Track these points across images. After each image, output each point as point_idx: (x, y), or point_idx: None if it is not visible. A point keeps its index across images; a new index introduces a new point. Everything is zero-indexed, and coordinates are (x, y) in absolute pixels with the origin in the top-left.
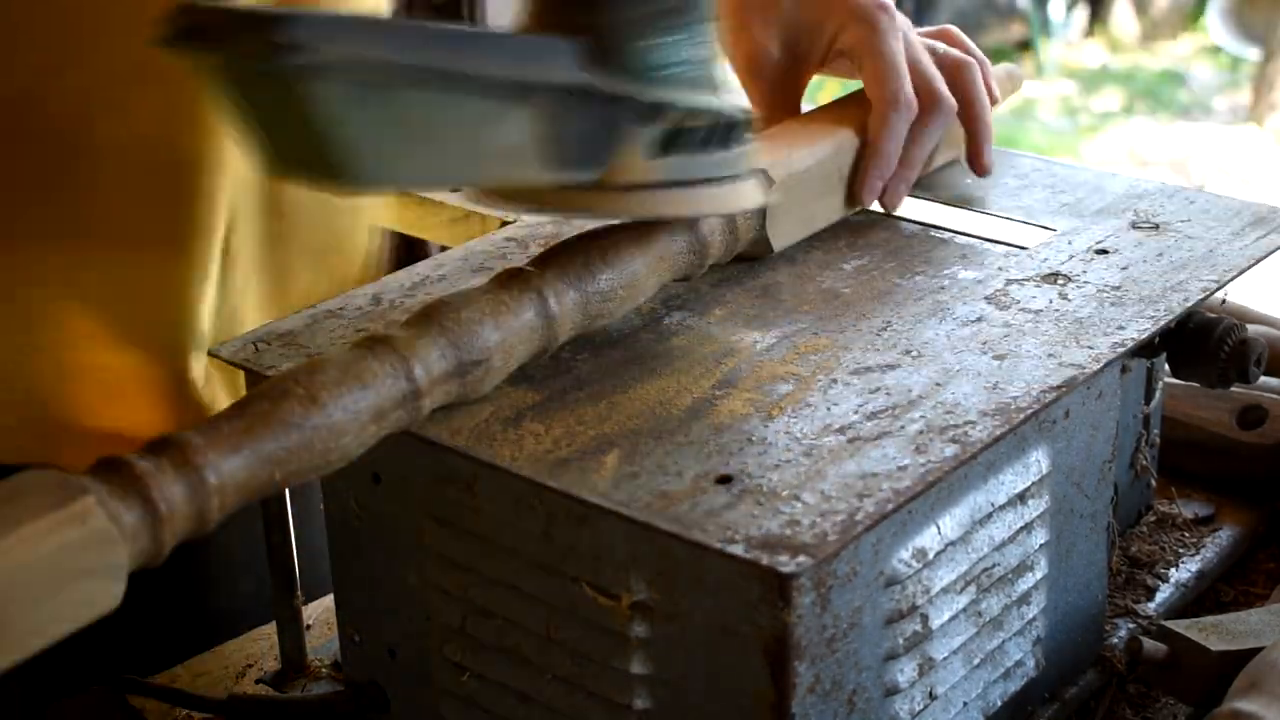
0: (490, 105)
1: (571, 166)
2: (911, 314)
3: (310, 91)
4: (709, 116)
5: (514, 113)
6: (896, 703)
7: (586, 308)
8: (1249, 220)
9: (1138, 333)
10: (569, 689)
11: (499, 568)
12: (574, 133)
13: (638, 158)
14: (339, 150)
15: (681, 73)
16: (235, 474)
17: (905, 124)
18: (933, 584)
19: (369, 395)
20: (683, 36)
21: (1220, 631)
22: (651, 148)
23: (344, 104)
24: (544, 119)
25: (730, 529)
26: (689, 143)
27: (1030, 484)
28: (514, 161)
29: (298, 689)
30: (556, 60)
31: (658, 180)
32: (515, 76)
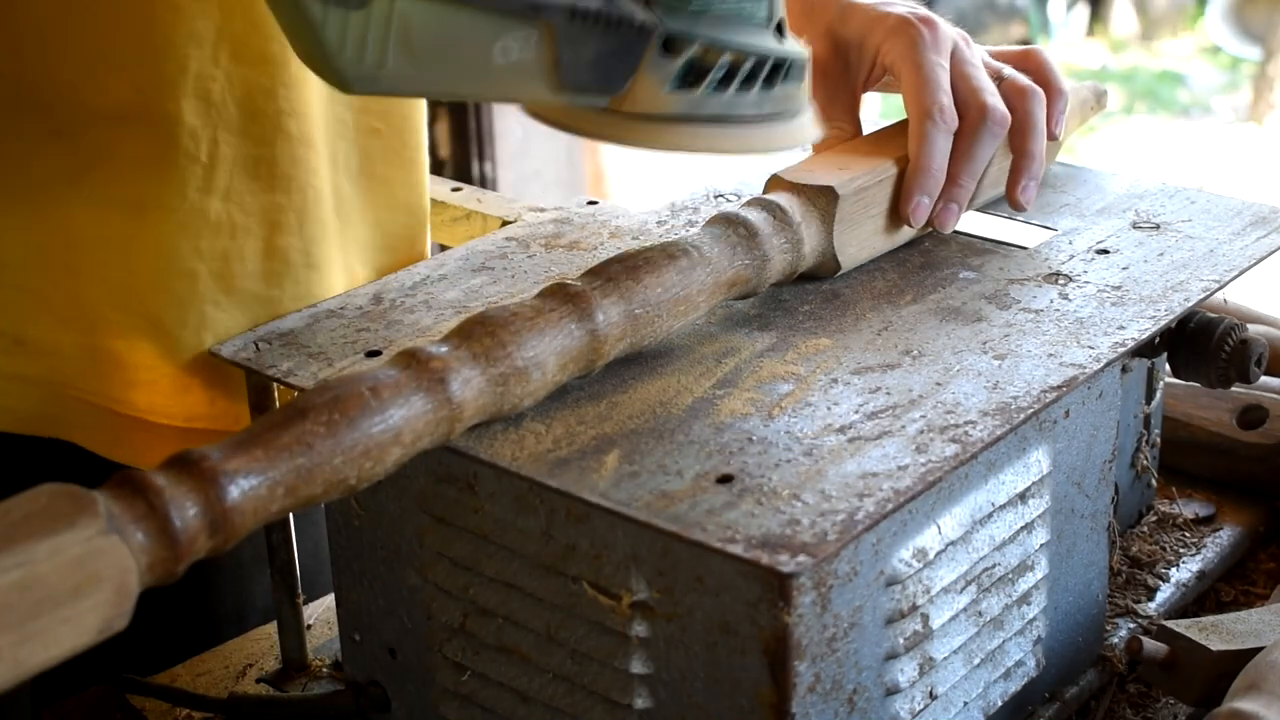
0: (496, 20)
1: (581, 90)
2: (911, 314)
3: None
4: (745, 53)
5: (519, 30)
6: (896, 702)
7: (634, 324)
8: (1249, 220)
9: (1138, 333)
10: (569, 688)
11: (499, 567)
12: (587, 56)
13: (655, 89)
14: (327, 50)
15: (719, 7)
16: (256, 493)
17: (944, 136)
18: (933, 584)
19: (400, 413)
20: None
21: (1220, 631)
22: (673, 80)
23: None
24: (554, 38)
25: (730, 529)
26: (719, 79)
27: (1030, 484)
28: (519, 79)
29: (298, 688)
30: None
31: (674, 113)
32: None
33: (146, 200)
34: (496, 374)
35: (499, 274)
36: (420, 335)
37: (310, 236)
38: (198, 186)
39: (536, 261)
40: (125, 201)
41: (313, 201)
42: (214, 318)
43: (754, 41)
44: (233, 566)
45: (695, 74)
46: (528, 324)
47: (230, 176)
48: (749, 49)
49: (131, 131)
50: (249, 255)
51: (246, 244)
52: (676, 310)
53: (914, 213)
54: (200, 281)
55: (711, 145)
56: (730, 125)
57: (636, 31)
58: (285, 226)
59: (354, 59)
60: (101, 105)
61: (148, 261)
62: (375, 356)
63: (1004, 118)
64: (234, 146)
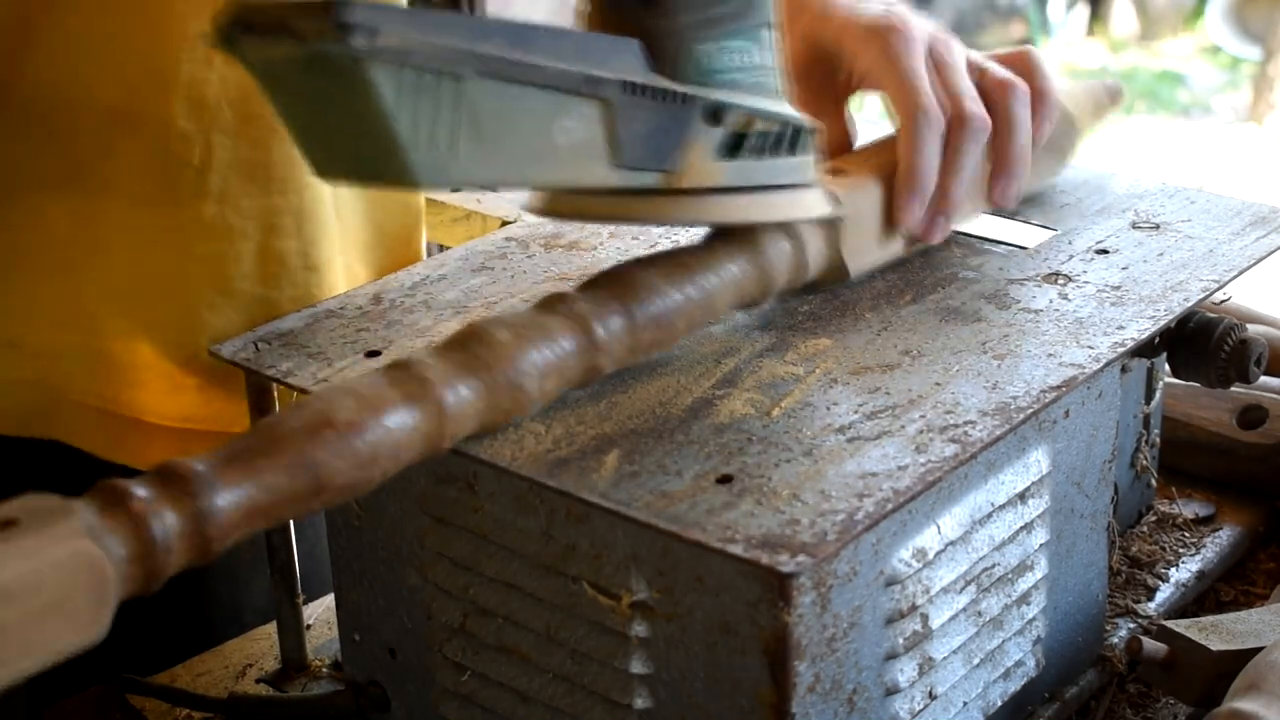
0: (557, 98)
1: (638, 167)
2: (911, 314)
3: (371, 77)
4: (775, 121)
5: (581, 107)
6: (896, 702)
7: (635, 336)
8: (1249, 220)
9: (1138, 333)
10: (569, 688)
11: (499, 567)
12: (641, 131)
13: (705, 160)
14: (398, 143)
15: (742, 78)
16: (240, 505)
17: (935, 135)
18: (933, 584)
19: (390, 427)
20: (744, 41)
21: (1220, 631)
22: (719, 150)
23: (405, 92)
24: (611, 115)
25: (730, 528)
26: (756, 146)
27: (1030, 484)
28: (581, 160)
29: (298, 688)
30: (621, 58)
31: (725, 184)
32: (581, 73)
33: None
34: (491, 387)
35: (499, 274)
36: (420, 335)
37: (309, 238)
38: (191, 190)
39: (536, 262)
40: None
41: (311, 203)
42: (209, 320)
43: (779, 109)
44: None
45: (736, 144)
46: (524, 337)
47: (225, 180)
48: (778, 116)
49: (124, 135)
50: (245, 258)
51: (242, 247)
52: (677, 325)
53: (907, 216)
54: (195, 284)
55: (759, 214)
56: (772, 193)
57: (685, 102)
58: (282, 229)
59: (427, 147)
60: (93, 109)
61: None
62: (375, 356)
63: (984, 122)
64: (228, 149)
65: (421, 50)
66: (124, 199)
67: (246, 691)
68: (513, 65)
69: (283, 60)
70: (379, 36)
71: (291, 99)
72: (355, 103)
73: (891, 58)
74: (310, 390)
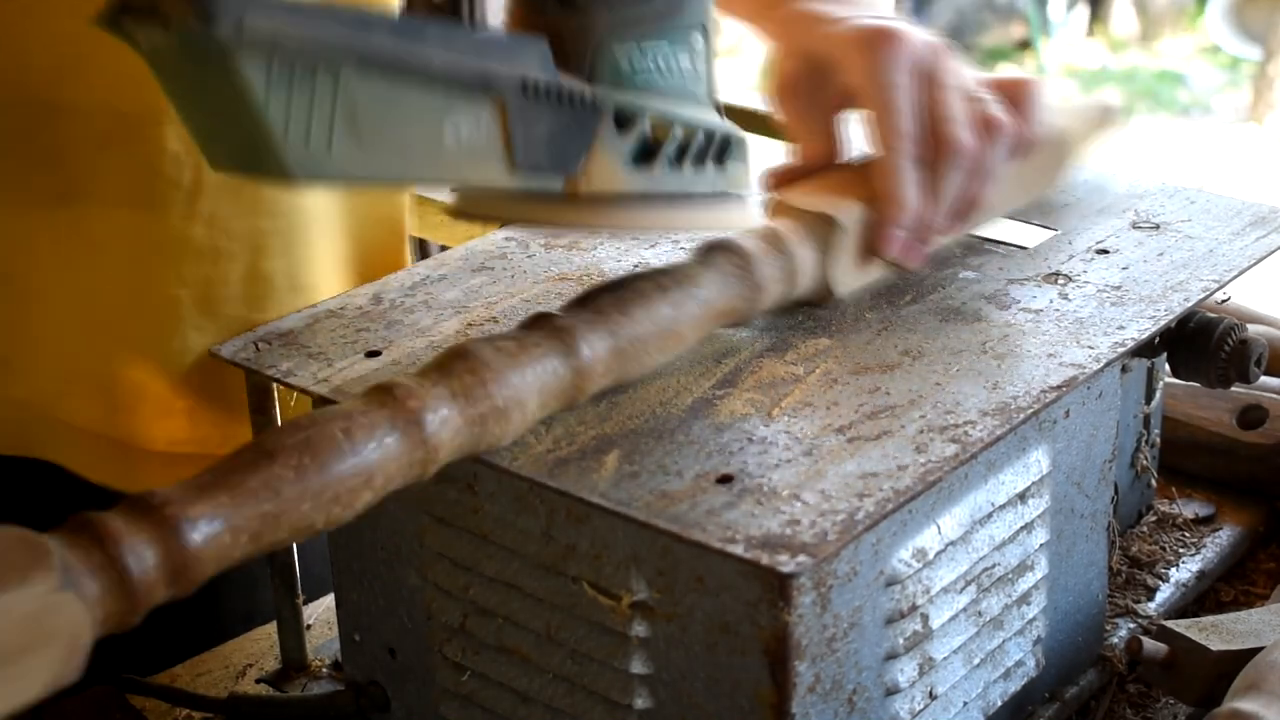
0: (445, 96)
1: (537, 170)
2: (911, 314)
3: (239, 66)
4: (693, 130)
5: (469, 107)
6: (896, 702)
7: (621, 355)
8: (1249, 220)
9: (1138, 333)
10: (569, 689)
11: (499, 568)
12: (541, 134)
13: (612, 166)
14: (271, 136)
15: (664, 83)
16: (218, 539)
17: (910, 165)
18: (933, 584)
19: (373, 455)
20: (668, 45)
21: (1220, 631)
22: (628, 157)
23: (277, 83)
24: (508, 117)
25: (730, 529)
26: (673, 155)
27: (1030, 484)
28: (475, 160)
29: (298, 688)
30: (522, 57)
31: (634, 192)
32: (475, 69)
33: (129, 226)
34: (475, 413)
35: (499, 274)
36: (420, 335)
37: (296, 259)
38: (181, 212)
39: (536, 261)
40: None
41: (298, 223)
42: (196, 342)
43: (701, 117)
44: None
45: (649, 151)
46: (510, 360)
47: (214, 202)
48: (698, 124)
49: (114, 158)
50: (232, 279)
51: (230, 268)
52: (664, 345)
53: (886, 246)
54: (183, 306)
55: (672, 224)
56: (689, 205)
57: (588, 107)
58: (270, 250)
59: (300, 141)
60: (85, 130)
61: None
62: (375, 356)
63: (969, 148)
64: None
65: (293, 40)
66: (114, 221)
67: (246, 691)
68: (395, 59)
69: (163, 46)
70: (245, 24)
71: (176, 86)
72: (227, 92)
73: (877, 75)
74: (310, 391)
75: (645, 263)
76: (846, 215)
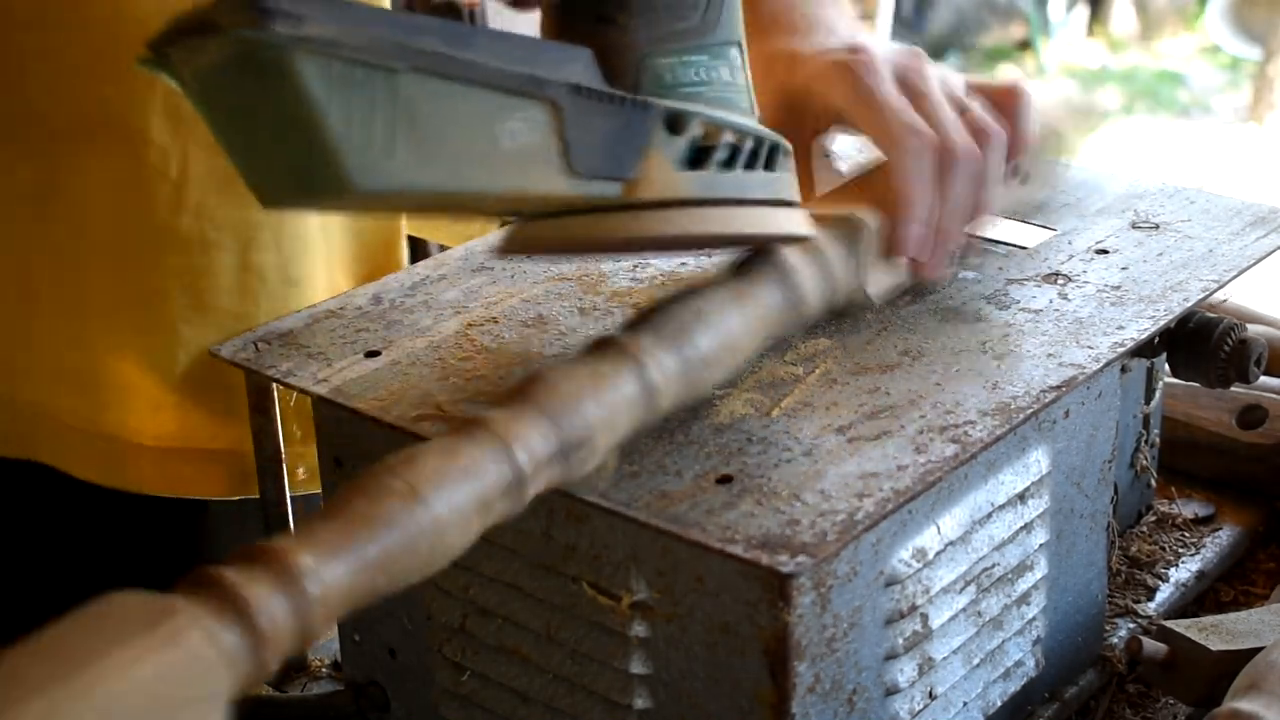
0: (500, 98)
1: (593, 174)
2: (911, 314)
3: (298, 68)
4: (741, 133)
5: (528, 110)
6: (896, 702)
7: (688, 374)
8: (1249, 220)
9: (1138, 333)
10: (569, 689)
11: (499, 568)
12: (595, 137)
13: (668, 170)
14: (332, 143)
15: (706, 92)
16: (339, 582)
17: (926, 159)
18: (933, 584)
19: (473, 486)
20: (703, 57)
21: (1220, 631)
22: (682, 159)
23: (336, 85)
24: (561, 119)
25: (730, 529)
26: (724, 159)
27: (1030, 484)
28: (530, 165)
29: (298, 689)
30: (571, 63)
31: (690, 196)
32: (524, 72)
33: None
34: (564, 442)
35: (498, 274)
36: (420, 335)
37: (288, 253)
38: (169, 203)
39: (536, 261)
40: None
41: (291, 217)
42: (186, 335)
43: (748, 124)
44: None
45: (701, 154)
46: (587, 387)
47: (202, 193)
48: (747, 128)
49: (100, 150)
50: (222, 272)
51: (220, 260)
52: (725, 362)
53: (906, 244)
54: (171, 299)
55: (732, 227)
56: (744, 207)
57: (640, 109)
58: (261, 243)
59: (361, 147)
60: (69, 124)
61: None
62: (375, 356)
63: (973, 153)
64: (205, 162)
65: (352, 40)
66: (101, 213)
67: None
68: (450, 61)
69: (210, 66)
70: (304, 24)
71: (224, 111)
72: (284, 100)
73: (864, 93)
74: (310, 391)
75: (645, 263)
76: (868, 216)
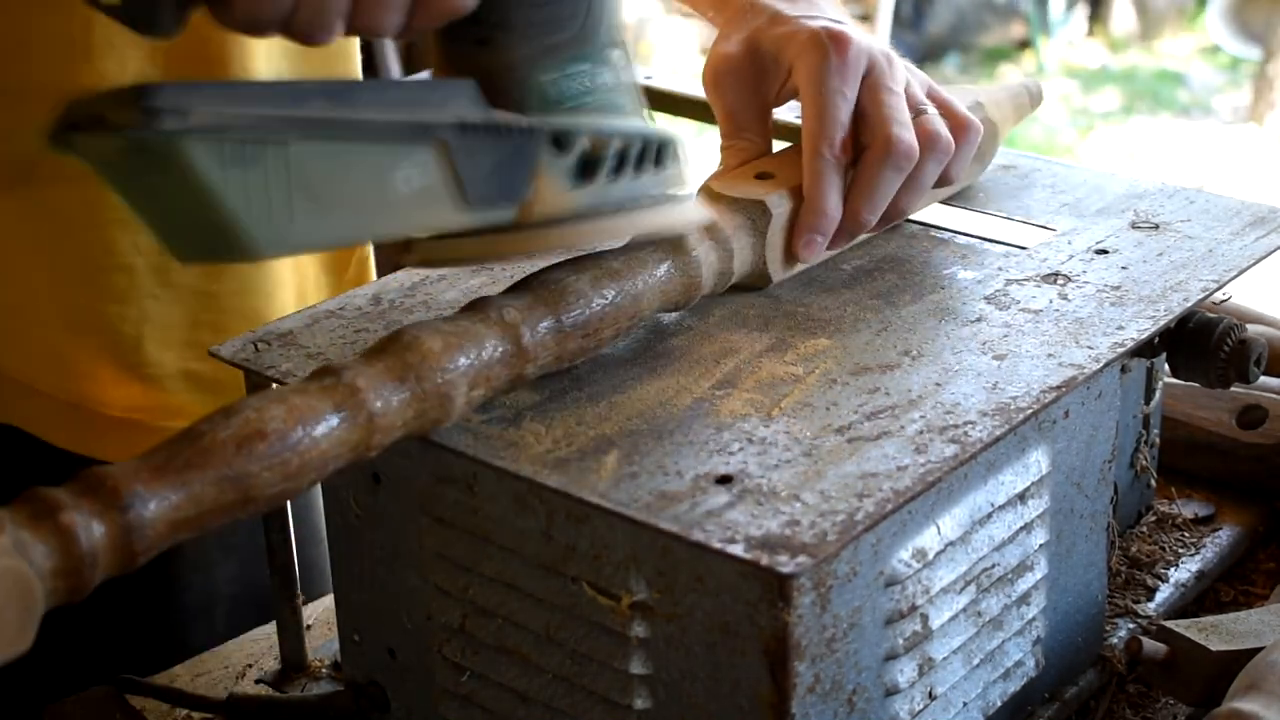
0: (388, 149)
1: (487, 204)
2: (911, 314)
3: (189, 158)
4: (629, 139)
5: (415, 154)
6: (896, 703)
7: (561, 339)
8: (1249, 220)
9: (1138, 333)
10: (569, 689)
11: (499, 568)
12: (484, 168)
13: (558, 188)
14: (233, 219)
15: (592, 100)
16: (167, 517)
17: (833, 173)
18: (933, 584)
19: (318, 435)
20: (585, 67)
21: (1220, 631)
22: (571, 175)
23: (229, 166)
24: (450, 157)
25: (730, 529)
26: (610, 167)
27: (1030, 484)
28: (425, 206)
29: (298, 689)
30: (454, 99)
31: (581, 209)
32: (409, 119)
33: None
34: (418, 394)
35: (498, 274)
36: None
37: None
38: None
39: (535, 262)
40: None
41: None
42: (153, 311)
43: (635, 127)
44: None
45: (590, 166)
46: (452, 343)
47: None
48: (632, 132)
49: None
50: None
51: None
52: (602, 328)
53: (805, 250)
54: (139, 275)
55: (622, 232)
56: (635, 211)
57: (526, 134)
58: None
59: (261, 219)
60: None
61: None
62: None
63: (910, 149)
64: None
65: (238, 122)
66: (70, 194)
67: (246, 692)
68: (335, 124)
69: (112, 152)
70: (190, 116)
71: (131, 189)
72: (183, 187)
73: (819, 76)
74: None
75: None
76: (776, 202)
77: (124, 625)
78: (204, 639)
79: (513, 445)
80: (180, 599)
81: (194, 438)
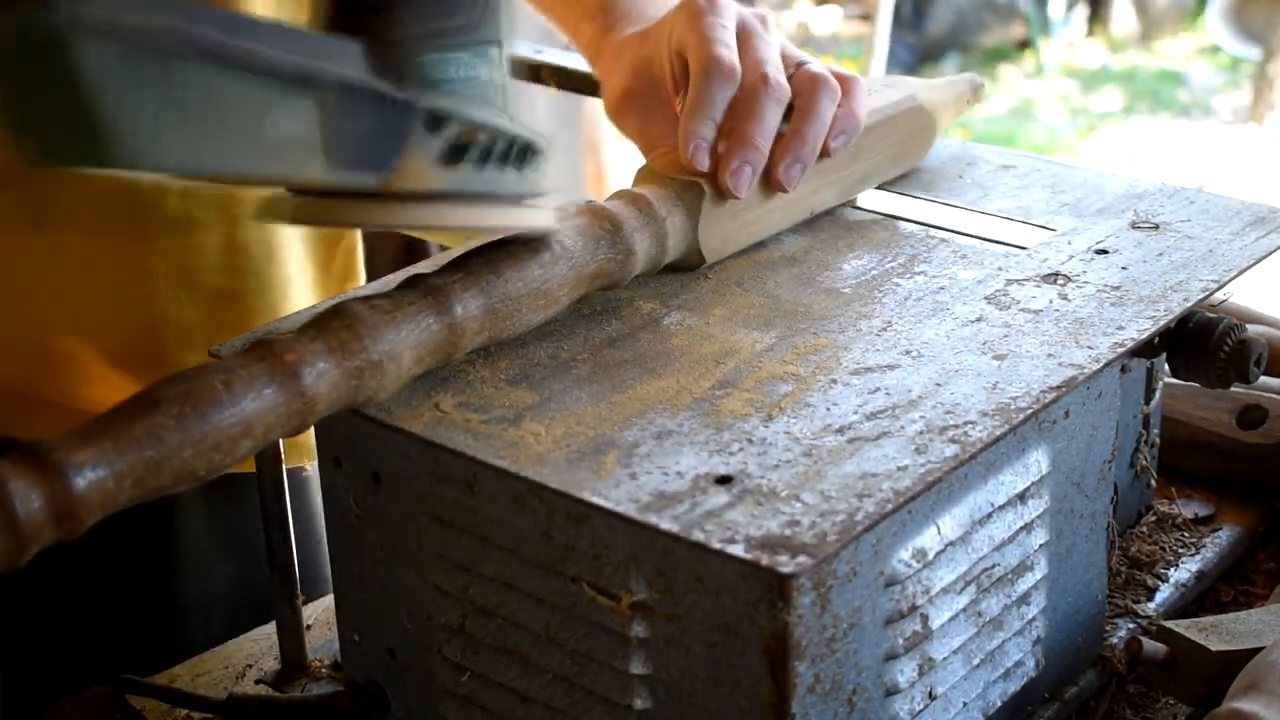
0: (271, 92)
1: (355, 166)
2: (911, 314)
3: (78, 52)
4: (499, 134)
5: (295, 102)
6: (896, 703)
7: (494, 314)
8: (1249, 220)
9: (1138, 333)
10: (569, 689)
11: (499, 568)
12: (358, 131)
13: (424, 166)
14: (108, 123)
15: (466, 90)
16: (102, 484)
17: (721, 89)
18: (933, 584)
19: (252, 406)
20: (465, 55)
21: (1220, 631)
22: (439, 157)
23: (114, 69)
24: (327, 113)
25: (730, 529)
26: (478, 157)
27: (1030, 484)
28: (295, 155)
29: (298, 689)
30: (342, 57)
31: (444, 190)
32: (298, 65)
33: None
34: (351, 367)
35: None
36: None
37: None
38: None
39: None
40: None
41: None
42: (174, 314)
43: (503, 124)
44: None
45: (457, 152)
46: (384, 317)
47: None
48: (502, 129)
49: None
50: (209, 250)
51: (206, 239)
52: (537, 304)
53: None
54: (159, 279)
55: (476, 221)
56: (492, 204)
57: (403, 107)
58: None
59: (130, 130)
60: None
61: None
62: None
63: (783, 89)
64: None
65: (129, 27)
66: (87, 198)
67: (246, 692)
68: (226, 49)
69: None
70: (83, 8)
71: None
72: (61, 76)
73: (696, 23)
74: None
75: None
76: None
77: (123, 625)
78: (203, 639)
79: (513, 445)
80: (179, 599)
81: (133, 409)
